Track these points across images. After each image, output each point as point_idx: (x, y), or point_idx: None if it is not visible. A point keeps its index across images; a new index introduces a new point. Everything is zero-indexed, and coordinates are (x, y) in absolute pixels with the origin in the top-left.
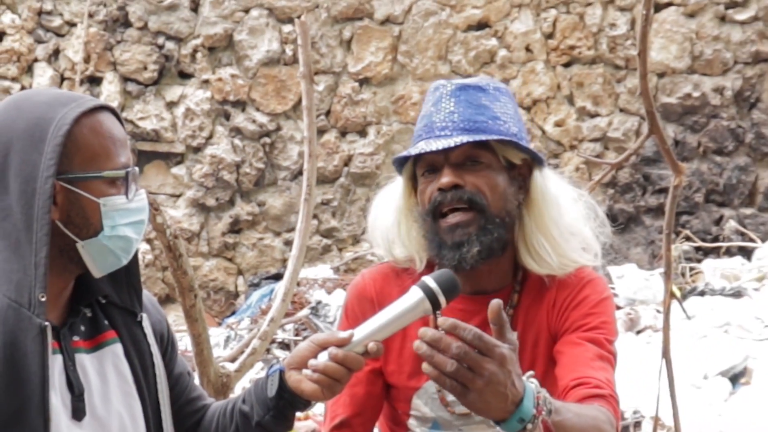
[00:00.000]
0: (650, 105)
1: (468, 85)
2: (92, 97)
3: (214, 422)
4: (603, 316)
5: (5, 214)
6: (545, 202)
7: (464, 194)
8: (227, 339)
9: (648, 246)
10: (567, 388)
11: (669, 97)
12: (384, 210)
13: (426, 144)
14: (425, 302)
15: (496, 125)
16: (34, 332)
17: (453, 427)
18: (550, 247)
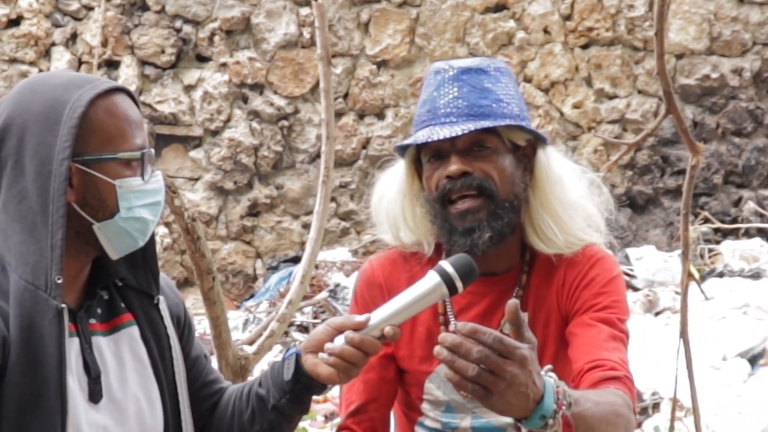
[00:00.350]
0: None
1: (469, 68)
2: (107, 79)
3: (230, 405)
4: (614, 295)
5: (21, 196)
6: (549, 182)
7: (473, 181)
8: (246, 322)
9: (667, 227)
10: (582, 371)
11: (687, 79)
12: (388, 194)
13: (431, 131)
14: (442, 287)
15: (500, 108)
16: (50, 315)
17: (466, 410)
18: (556, 226)
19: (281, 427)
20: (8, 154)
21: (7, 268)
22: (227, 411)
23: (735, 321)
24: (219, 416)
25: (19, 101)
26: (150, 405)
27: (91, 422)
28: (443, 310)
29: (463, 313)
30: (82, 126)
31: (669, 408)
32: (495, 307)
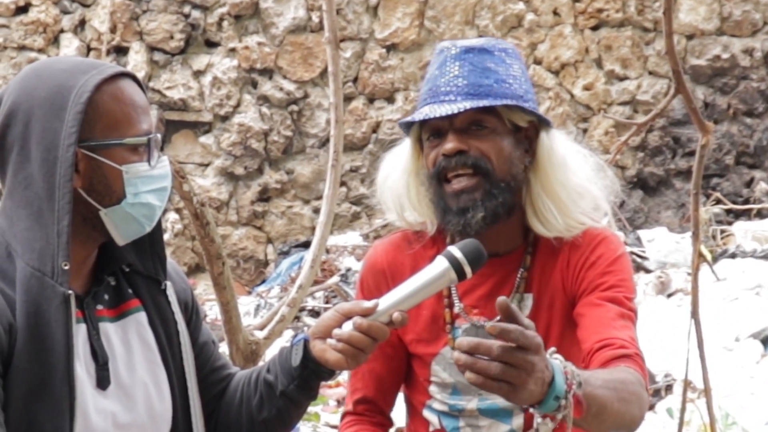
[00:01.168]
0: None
1: (473, 48)
2: (113, 64)
3: (238, 391)
4: (620, 274)
5: (27, 182)
6: (551, 164)
7: (468, 159)
8: (257, 307)
9: (678, 209)
10: (592, 351)
11: (698, 59)
12: (393, 173)
13: (430, 109)
14: (451, 272)
15: (502, 88)
16: (57, 301)
17: (472, 392)
18: (556, 209)
19: (289, 412)
20: (14, 140)
21: (13, 254)
22: (235, 397)
23: (747, 302)
24: (227, 402)
25: (24, 87)
26: (158, 391)
27: (99, 408)
28: (448, 293)
29: (468, 295)
30: (88, 111)
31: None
32: (499, 288)
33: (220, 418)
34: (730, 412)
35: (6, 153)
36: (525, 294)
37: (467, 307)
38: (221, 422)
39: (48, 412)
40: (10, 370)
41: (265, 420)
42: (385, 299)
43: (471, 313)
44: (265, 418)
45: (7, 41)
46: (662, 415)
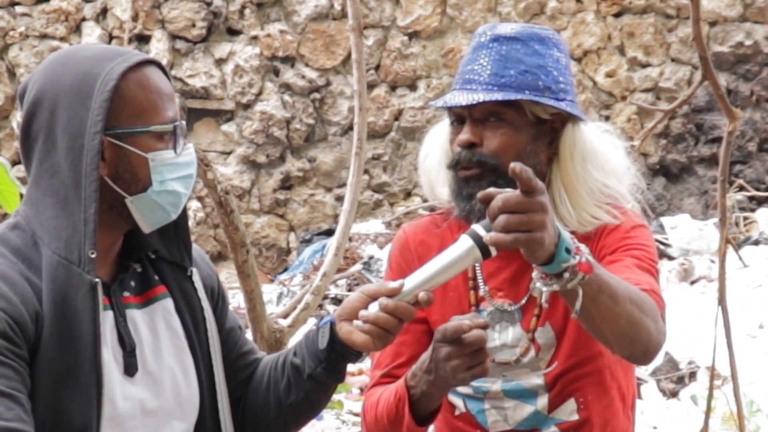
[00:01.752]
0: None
1: (503, 36)
2: (138, 52)
3: (265, 376)
4: (641, 239)
5: (53, 171)
6: (573, 158)
7: (473, 156)
8: (280, 296)
9: (701, 196)
10: None
11: (721, 46)
12: (430, 151)
13: (452, 96)
14: (475, 251)
15: (525, 80)
16: (84, 289)
17: (496, 374)
18: (571, 203)
19: (317, 396)
20: (40, 128)
21: (39, 242)
22: (263, 381)
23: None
24: (254, 387)
25: (49, 75)
26: (185, 377)
27: (126, 395)
28: (473, 275)
29: (493, 278)
30: (114, 99)
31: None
32: (524, 271)
33: (247, 403)
34: (754, 399)
35: (32, 141)
36: None
37: (492, 290)
38: (249, 407)
39: (75, 400)
40: (37, 358)
41: (293, 404)
42: (410, 279)
43: (496, 296)
44: (293, 402)
45: (29, 30)
46: (686, 403)
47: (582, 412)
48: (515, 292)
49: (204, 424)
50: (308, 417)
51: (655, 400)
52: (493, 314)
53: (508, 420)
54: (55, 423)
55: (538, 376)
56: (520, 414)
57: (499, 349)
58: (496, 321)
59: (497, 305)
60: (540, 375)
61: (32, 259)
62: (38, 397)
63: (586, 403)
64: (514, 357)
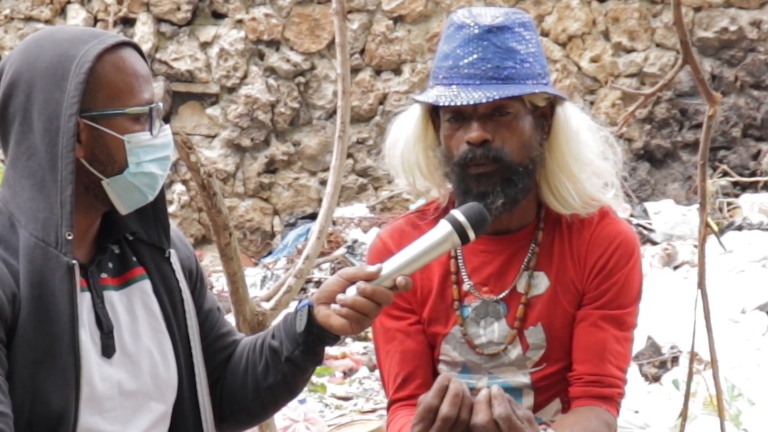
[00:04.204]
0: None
1: (495, 27)
2: (114, 34)
3: (243, 358)
4: (628, 286)
5: (30, 153)
6: (567, 140)
7: (491, 152)
8: (264, 279)
9: (685, 181)
10: (582, 380)
11: (705, 32)
12: (403, 141)
13: (454, 92)
14: (454, 236)
15: (524, 69)
16: (61, 271)
17: (482, 371)
18: (572, 187)
19: (295, 378)
20: (16, 111)
21: (16, 224)
22: (241, 363)
23: (754, 274)
24: (233, 369)
25: (26, 57)
26: (163, 358)
27: (104, 376)
28: (455, 269)
29: (477, 273)
30: (90, 81)
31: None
32: (509, 265)
33: (225, 385)
34: (735, 384)
35: (8, 123)
36: (536, 272)
37: (477, 284)
38: (227, 389)
39: (53, 381)
40: (14, 339)
41: (271, 386)
42: (388, 264)
43: (481, 290)
44: (271, 384)
45: (14, 12)
46: (668, 387)
47: (566, 412)
48: (500, 287)
49: (182, 405)
50: (286, 399)
51: (637, 385)
52: (478, 309)
53: None
54: (33, 404)
55: (525, 375)
56: None
57: (486, 345)
58: (481, 316)
59: (483, 299)
60: (526, 374)
61: (9, 240)
62: (16, 379)
63: (570, 402)
64: (500, 349)
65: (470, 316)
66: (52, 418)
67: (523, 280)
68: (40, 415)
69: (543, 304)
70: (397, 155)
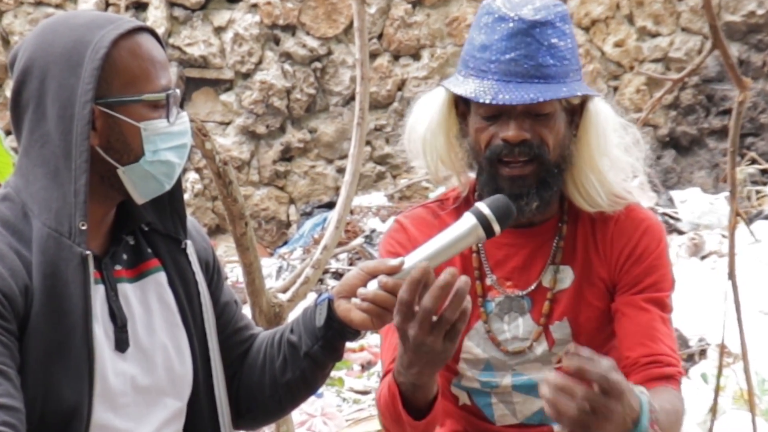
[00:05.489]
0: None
1: (539, 23)
2: (130, 19)
3: (261, 352)
4: (662, 269)
5: (44, 140)
6: (597, 137)
7: (531, 149)
8: (279, 269)
9: (712, 169)
10: (638, 364)
11: (732, 15)
12: (427, 127)
13: (493, 88)
14: (478, 229)
15: (564, 67)
16: (75, 262)
17: (507, 368)
18: (600, 184)
19: (314, 374)
20: (30, 97)
21: (29, 214)
22: (258, 358)
23: None
24: (250, 364)
25: (40, 42)
26: (178, 353)
27: (118, 371)
28: (478, 264)
29: (500, 267)
30: (105, 67)
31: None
32: (533, 259)
33: (242, 381)
34: (766, 377)
35: (21, 110)
36: (561, 266)
37: (500, 279)
38: (244, 384)
39: (66, 375)
40: (27, 332)
41: (289, 382)
42: (411, 257)
43: (505, 285)
44: (289, 380)
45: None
46: (696, 381)
47: None
48: (525, 281)
49: (198, 401)
50: (304, 395)
51: None
52: (502, 304)
53: (517, 414)
54: (45, 399)
55: (550, 371)
56: (530, 408)
57: (510, 341)
58: (504, 312)
59: (507, 294)
60: (552, 370)
61: (22, 231)
62: (28, 373)
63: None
64: (526, 345)
65: (494, 311)
66: (65, 414)
67: (549, 275)
68: (53, 410)
69: (568, 298)
70: (418, 139)
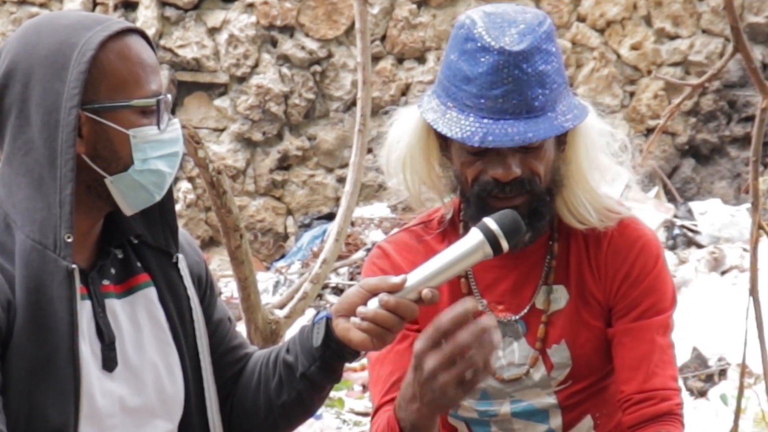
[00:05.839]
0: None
1: (526, 53)
2: (119, 20)
3: (256, 373)
4: (661, 288)
5: (27, 148)
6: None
7: (523, 186)
8: (276, 284)
9: (733, 179)
10: (632, 402)
11: (756, 16)
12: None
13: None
14: (485, 246)
15: (553, 93)
16: (60, 276)
17: (504, 395)
18: (589, 201)
19: (311, 396)
20: (12, 102)
21: (12, 226)
22: (253, 379)
23: None
24: (244, 384)
25: (23, 44)
26: (169, 372)
27: (105, 391)
28: (467, 289)
29: (490, 291)
30: (92, 71)
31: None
32: (524, 280)
33: (236, 402)
34: None
35: (4, 116)
36: (554, 286)
37: (491, 303)
38: (237, 406)
39: (51, 395)
40: (10, 350)
41: (285, 404)
42: (413, 275)
43: (496, 310)
44: (285, 402)
45: None
46: (715, 402)
47: (599, 429)
48: (517, 304)
49: (190, 423)
50: (301, 418)
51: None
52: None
53: None
54: (29, 420)
55: (550, 395)
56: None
57: (506, 368)
58: None
59: (500, 320)
60: (551, 393)
61: (4, 243)
62: (11, 392)
63: (602, 417)
64: (523, 372)
65: None
66: None
67: (541, 296)
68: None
69: (565, 319)
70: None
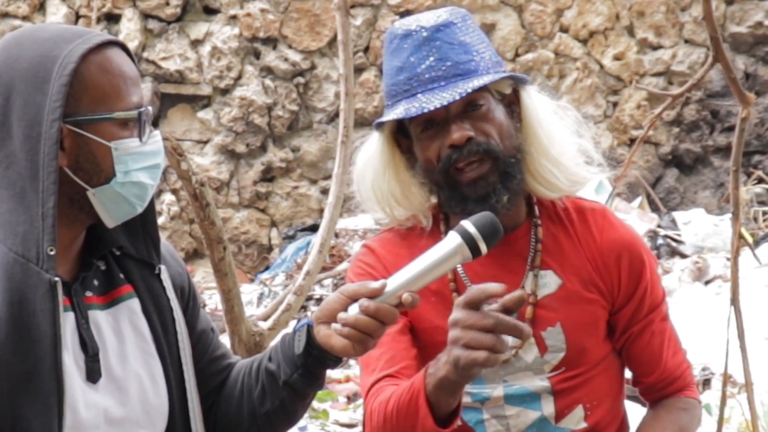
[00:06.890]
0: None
1: (442, 25)
2: (100, 32)
3: (239, 382)
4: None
5: (9, 161)
6: (539, 123)
7: (479, 147)
8: (261, 296)
9: (717, 189)
10: (655, 389)
11: (738, 26)
12: (371, 171)
13: (420, 100)
14: (464, 249)
15: (482, 59)
16: (43, 289)
17: (497, 378)
18: (555, 168)
19: (294, 404)
20: None
21: None
22: (236, 388)
23: None
24: (227, 394)
25: (4, 57)
26: (153, 383)
27: (89, 403)
28: (453, 276)
29: (478, 278)
30: (74, 84)
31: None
32: (512, 266)
33: (220, 412)
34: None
35: None
36: (542, 271)
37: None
38: (221, 416)
39: (34, 408)
40: None
41: (268, 412)
42: (393, 279)
43: None
44: (268, 411)
45: None
46: None
47: (589, 419)
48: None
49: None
50: (284, 427)
51: None
52: None
53: (510, 429)
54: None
55: (542, 379)
56: (524, 421)
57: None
58: None
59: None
60: (544, 378)
61: None
62: None
63: (593, 408)
64: (511, 353)
65: None
66: None
67: (529, 281)
68: None
69: (558, 302)
70: (368, 189)
